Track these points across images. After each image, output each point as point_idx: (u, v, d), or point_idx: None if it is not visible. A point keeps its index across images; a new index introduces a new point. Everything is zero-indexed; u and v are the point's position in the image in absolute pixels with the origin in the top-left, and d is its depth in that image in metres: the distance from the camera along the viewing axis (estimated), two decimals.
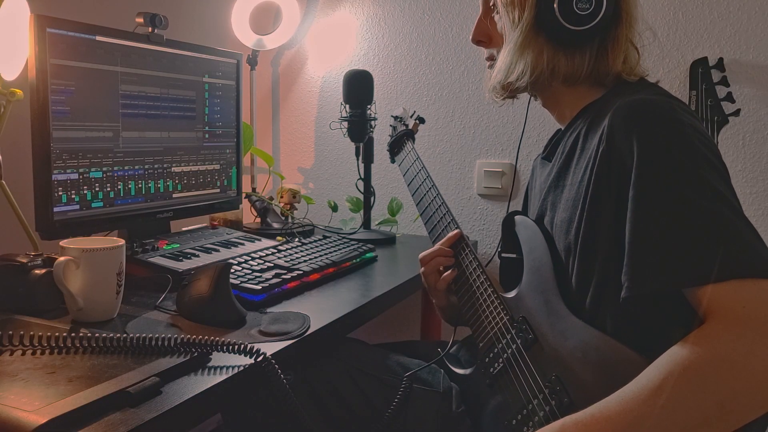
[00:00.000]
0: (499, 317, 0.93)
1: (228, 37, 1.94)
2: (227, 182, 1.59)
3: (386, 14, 1.96)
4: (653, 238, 0.75)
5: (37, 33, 1.11)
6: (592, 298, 0.82)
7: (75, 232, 1.17)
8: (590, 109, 0.94)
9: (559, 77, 0.94)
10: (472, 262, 1.04)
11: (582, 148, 0.90)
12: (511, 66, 0.95)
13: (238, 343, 0.82)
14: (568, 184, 0.91)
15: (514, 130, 1.82)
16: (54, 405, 0.66)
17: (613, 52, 0.93)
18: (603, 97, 0.94)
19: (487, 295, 0.97)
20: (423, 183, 1.30)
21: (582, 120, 0.94)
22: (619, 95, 0.88)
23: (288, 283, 1.17)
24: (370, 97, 1.71)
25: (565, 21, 0.90)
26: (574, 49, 0.93)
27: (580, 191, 0.86)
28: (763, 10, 1.54)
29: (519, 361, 0.86)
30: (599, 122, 0.87)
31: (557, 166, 0.95)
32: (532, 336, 0.86)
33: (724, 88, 1.54)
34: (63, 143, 1.17)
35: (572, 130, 0.96)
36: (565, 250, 0.88)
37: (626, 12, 0.93)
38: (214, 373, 0.81)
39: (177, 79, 1.41)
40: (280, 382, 0.82)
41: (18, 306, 0.98)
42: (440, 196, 1.23)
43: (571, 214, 0.87)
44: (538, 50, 0.93)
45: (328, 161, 2.09)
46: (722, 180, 0.77)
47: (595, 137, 0.86)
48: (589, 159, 0.86)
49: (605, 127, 0.82)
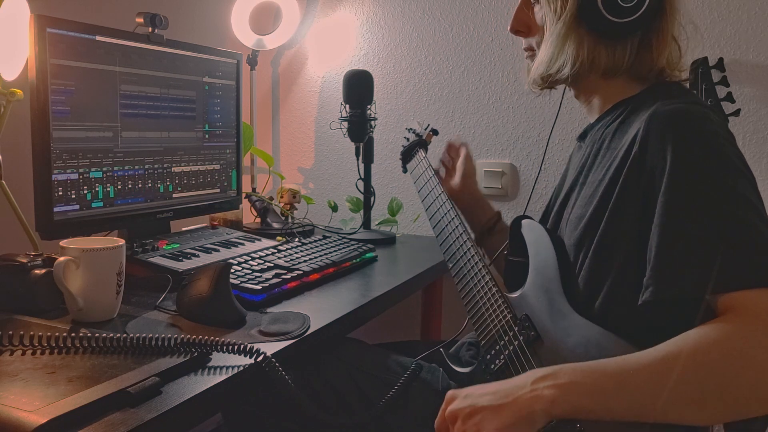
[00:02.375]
0: (502, 315, 0.93)
1: (228, 37, 1.94)
2: (227, 182, 1.59)
3: (386, 14, 1.96)
4: (682, 244, 0.75)
5: (37, 33, 1.10)
6: (604, 299, 0.83)
7: (75, 232, 1.17)
8: (623, 106, 0.94)
9: (599, 70, 0.94)
10: (477, 263, 1.04)
11: (608, 147, 0.90)
12: (553, 58, 0.94)
13: (238, 344, 0.82)
14: (588, 182, 0.91)
15: (514, 130, 1.82)
16: (54, 405, 0.66)
17: (658, 46, 0.92)
18: (638, 95, 0.93)
19: (491, 294, 0.97)
20: (433, 190, 1.28)
21: (611, 116, 0.94)
22: (655, 98, 0.88)
23: (288, 283, 1.17)
24: (370, 97, 1.71)
25: (608, 13, 0.89)
26: (615, 41, 0.92)
27: (598, 190, 0.86)
28: (763, 10, 1.54)
29: (521, 358, 0.86)
30: (631, 123, 0.87)
31: (583, 160, 0.96)
32: (534, 333, 0.86)
33: (724, 88, 1.54)
34: (63, 143, 1.17)
35: (601, 125, 0.96)
36: (575, 246, 0.88)
37: (670, 4, 0.92)
38: (214, 373, 0.81)
39: (177, 79, 1.41)
40: (283, 380, 0.82)
41: (18, 306, 0.98)
42: (449, 201, 1.20)
43: (584, 210, 0.88)
44: (579, 42, 0.92)
45: (328, 161, 2.09)
46: (752, 189, 0.78)
47: (626, 138, 0.86)
48: (614, 159, 0.86)
49: (640, 132, 0.82)
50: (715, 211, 0.75)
